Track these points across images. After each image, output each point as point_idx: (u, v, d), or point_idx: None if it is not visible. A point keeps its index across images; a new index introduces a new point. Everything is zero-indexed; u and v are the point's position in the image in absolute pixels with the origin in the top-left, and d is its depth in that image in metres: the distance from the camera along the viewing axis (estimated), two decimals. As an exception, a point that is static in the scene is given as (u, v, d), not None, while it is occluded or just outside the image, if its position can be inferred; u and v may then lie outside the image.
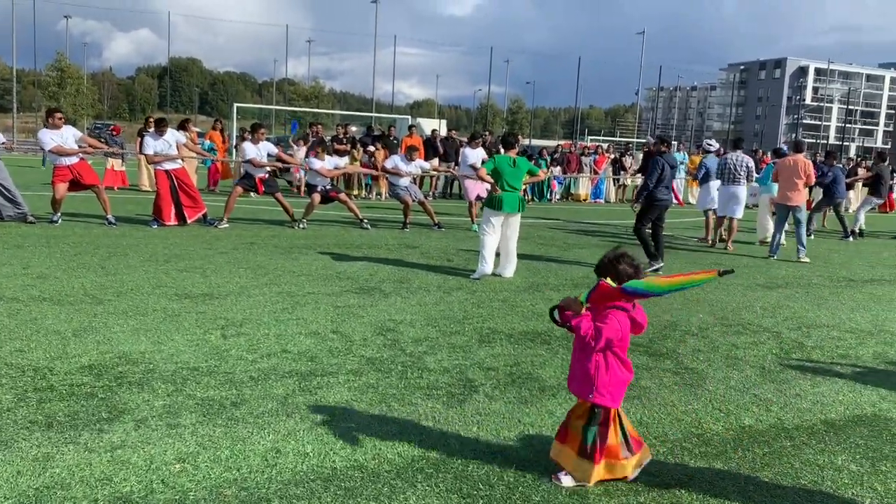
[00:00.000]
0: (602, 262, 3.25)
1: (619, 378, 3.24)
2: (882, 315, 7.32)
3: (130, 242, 9.45)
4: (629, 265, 3.18)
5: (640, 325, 3.26)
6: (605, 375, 3.20)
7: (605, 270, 3.20)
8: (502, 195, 8.10)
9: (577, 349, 3.29)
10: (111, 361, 4.66)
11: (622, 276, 3.15)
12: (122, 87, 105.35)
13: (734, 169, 11.95)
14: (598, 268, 3.26)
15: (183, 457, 3.37)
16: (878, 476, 3.56)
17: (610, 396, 3.21)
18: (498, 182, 8.14)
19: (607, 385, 3.20)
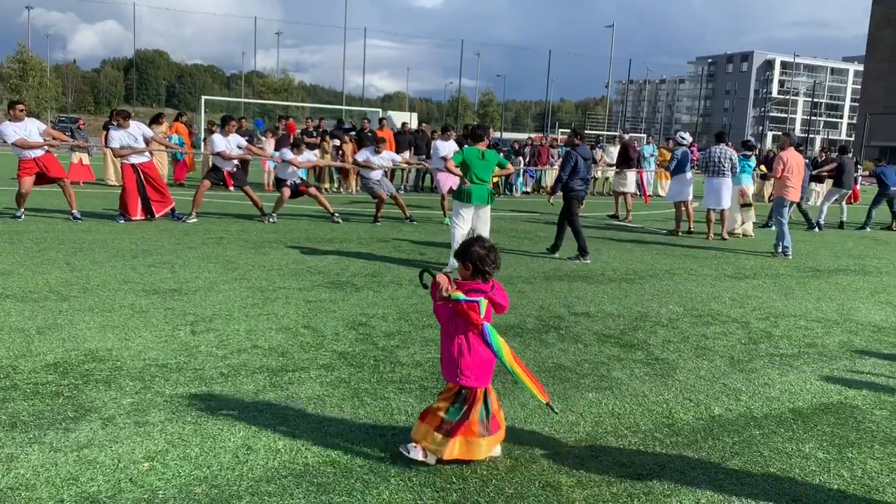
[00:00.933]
0: (459, 248, 3.36)
1: (483, 358, 3.28)
2: (847, 304, 7.45)
3: (96, 238, 9.28)
4: (481, 247, 3.27)
5: (500, 306, 3.28)
6: (468, 357, 3.25)
7: (462, 254, 3.31)
8: (471, 188, 8.11)
9: (443, 334, 3.36)
10: (77, 359, 4.57)
11: (474, 258, 3.25)
12: (86, 79, 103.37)
13: (718, 161, 12.14)
14: (456, 253, 3.39)
15: (152, 455, 3.31)
16: (845, 462, 3.62)
17: (475, 377, 3.26)
18: (467, 174, 8.14)
19: (471, 367, 3.25)
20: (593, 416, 4.08)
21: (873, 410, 4.39)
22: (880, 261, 10.78)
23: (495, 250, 3.31)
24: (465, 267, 3.30)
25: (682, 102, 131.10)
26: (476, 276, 3.28)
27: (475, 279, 3.28)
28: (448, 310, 3.25)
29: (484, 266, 3.26)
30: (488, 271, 3.27)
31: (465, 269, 3.30)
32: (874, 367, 5.29)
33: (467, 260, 3.28)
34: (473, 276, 3.28)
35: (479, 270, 3.26)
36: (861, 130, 59.94)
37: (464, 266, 3.31)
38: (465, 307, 3.20)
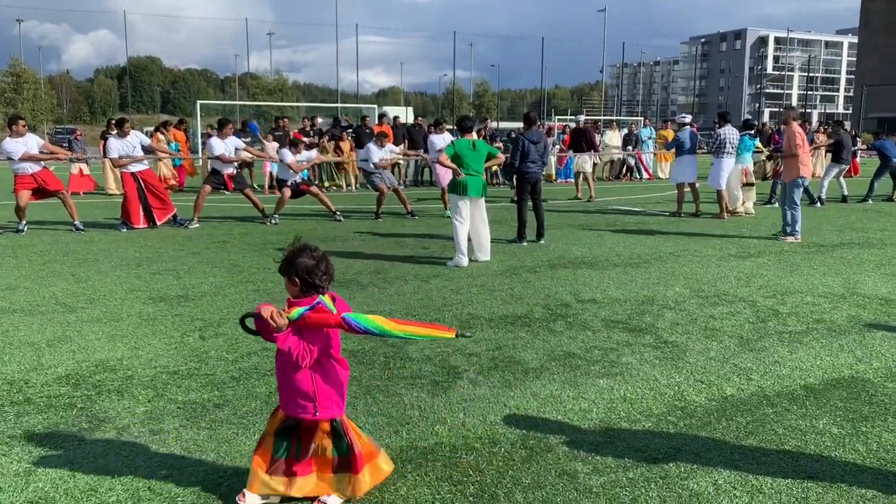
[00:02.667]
0: (282, 260, 2.89)
1: (339, 382, 2.95)
2: (853, 278, 7.44)
3: (100, 248, 9.29)
4: (309, 258, 2.83)
5: None
6: (325, 386, 2.88)
7: (286, 268, 2.85)
8: (466, 179, 8.15)
9: (285, 367, 2.89)
10: (88, 370, 4.58)
11: (300, 270, 2.80)
12: (80, 89, 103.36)
13: (728, 143, 12.24)
14: (280, 267, 2.89)
15: (168, 463, 3.32)
16: (860, 437, 3.62)
17: (335, 405, 2.93)
18: (460, 167, 8.17)
19: (328, 394, 2.89)
20: (606, 402, 4.08)
21: (885, 383, 4.39)
22: (884, 233, 10.76)
23: (325, 260, 2.88)
24: (291, 282, 2.84)
25: (678, 83, 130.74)
26: (308, 292, 2.82)
27: (307, 295, 2.82)
28: (296, 339, 2.76)
29: (314, 279, 2.81)
30: (320, 284, 2.82)
31: (293, 285, 2.83)
32: (883, 339, 5.29)
33: (293, 274, 2.81)
34: (305, 292, 2.82)
35: (310, 284, 2.81)
36: (858, 103, 59.74)
37: (290, 282, 2.84)
38: (313, 315, 2.75)
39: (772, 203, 14.51)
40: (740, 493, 3.05)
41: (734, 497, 3.02)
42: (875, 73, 68.09)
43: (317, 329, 2.80)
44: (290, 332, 2.76)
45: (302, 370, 2.83)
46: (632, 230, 11.09)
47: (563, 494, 3.04)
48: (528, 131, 9.76)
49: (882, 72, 67.19)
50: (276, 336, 2.74)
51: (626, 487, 3.10)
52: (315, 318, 2.76)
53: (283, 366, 2.89)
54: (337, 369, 2.95)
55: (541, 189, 9.89)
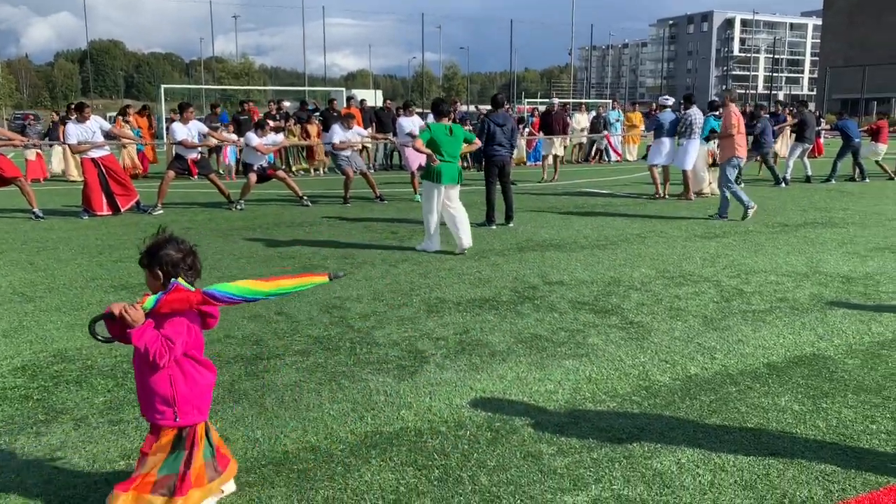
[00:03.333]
0: (144, 251, 2.69)
1: (202, 385, 2.71)
2: (816, 257, 7.55)
3: (60, 235, 9.09)
4: (175, 250, 2.64)
5: (214, 317, 2.76)
6: (185, 388, 2.64)
7: (147, 260, 2.66)
8: (441, 166, 7.77)
9: (140, 368, 2.66)
10: (46, 361, 4.48)
11: (164, 263, 2.61)
12: (41, 74, 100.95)
13: (692, 124, 12.29)
14: (141, 260, 2.69)
15: (127, 453, 3.26)
16: (820, 413, 3.67)
17: (197, 410, 2.68)
18: (436, 152, 7.81)
19: (189, 399, 2.65)
20: (571, 383, 4.09)
21: (845, 360, 4.45)
22: (846, 212, 10.94)
23: (193, 254, 2.69)
24: (153, 275, 2.64)
25: (646, 66, 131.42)
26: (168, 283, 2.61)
27: None
28: (153, 334, 2.52)
29: (178, 272, 2.62)
30: (184, 278, 2.63)
31: (155, 279, 2.64)
32: (844, 317, 5.37)
33: (156, 266, 2.62)
34: (166, 286, 2.60)
35: (172, 276, 2.62)
36: (822, 84, 60.59)
37: (152, 274, 2.65)
38: (170, 298, 2.53)
39: (739, 184, 14.65)
40: (703, 471, 3.08)
41: (697, 475, 3.04)
42: (839, 54, 69.06)
43: (178, 313, 2.58)
44: (146, 327, 2.52)
45: (160, 371, 2.59)
46: (599, 212, 11.13)
47: (528, 476, 3.04)
48: (493, 114, 9.71)
49: (846, 54, 68.16)
50: (131, 333, 2.50)
51: (590, 468, 3.11)
52: (172, 300, 2.54)
53: (140, 366, 2.64)
54: (200, 371, 2.71)
55: (509, 172, 9.87)
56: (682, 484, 2.98)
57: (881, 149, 16.39)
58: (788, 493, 2.90)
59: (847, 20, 70.83)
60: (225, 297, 2.60)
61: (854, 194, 13.39)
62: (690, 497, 2.88)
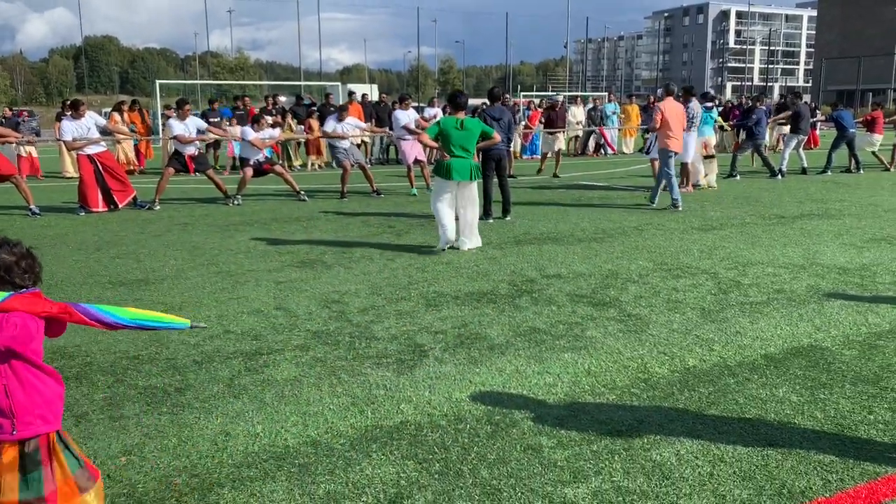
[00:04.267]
0: None
1: (47, 394, 2.42)
2: (813, 248, 7.56)
3: (57, 232, 9.08)
4: (7, 253, 2.40)
5: (62, 325, 2.52)
6: (25, 399, 2.34)
7: None
8: (451, 161, 7.41)
9: None
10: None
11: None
12: (35, 70, 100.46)
13: (693, 117, 12.32)
14: None
15: (128, 449, 3.27)
16: (818, 404, 3.69)
17: (41, 420, 2.38)
18: (446, 147, 7.50)
19: (30, 409, 2.35)
20: (570, 376, 4.10)
21: (842, 351, 4.47)
22: (842, 203, 10.96)
23: (30, 256, 2.46)
24: None
25: (642, 58, 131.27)
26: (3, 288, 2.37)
27: None
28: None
29: (13, 278, 2.38)
30: (21, 284, 2.39)
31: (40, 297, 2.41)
32: (841, 308, 5.39)
33: None
34: None
35: (7, 282, 2.38)
36: (818, 75, 60.63)
37: None
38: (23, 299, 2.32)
39: (733, 176, 14.68)
40: (702, 462, 3.09)
41: (696, 466, 3.06)
42: (834, 46, 69.05)
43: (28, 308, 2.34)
44: None
45: None
46: (596, 205, 11.14)
47: (528, 469, 3.06)
48: (490, 107, 9.70)
49: (841, 45, 68.14)
50: None
51: (589, 460, 3.12)
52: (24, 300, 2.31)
53: None
54: (43, 380, 2.43)
55: (506, 165, 9.86)
56: (681, 475, 2.99)
57: (877, 139, 16.41)
58: (787, 484, 2.92)
59: (842, 12, 70.79)
60: (99, 315, 2.51)
61: (850, 185, 13.41)
62: (690, 488, 2.90)
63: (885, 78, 57.75)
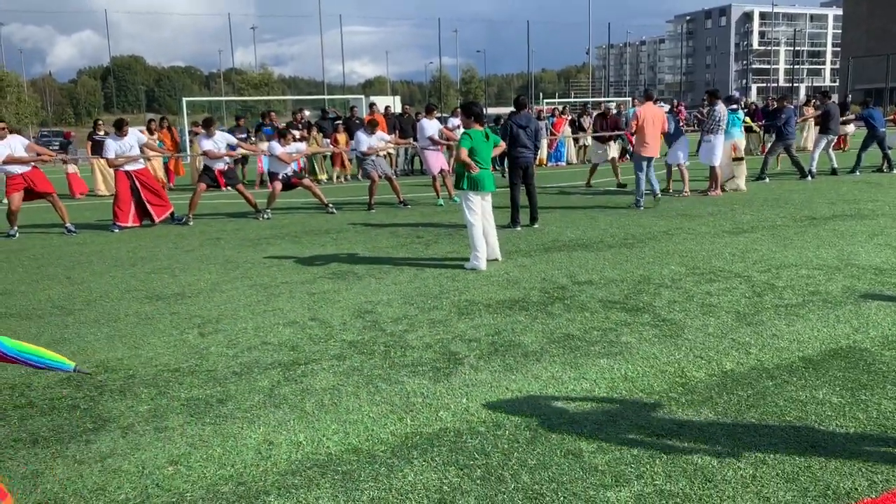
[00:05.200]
0: None
1: None
2: (847, 249, 7.48)
3: (93, 249, 9.26)
4: None
5: None
6: None
7: None
8: (481, 173, 7.31)
9: None
10: (89, 371, 4.58)
11: None
12: (64, 91, 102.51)
13: (720, 120, 12.33)
14: None
15: (175, 459, 3.34)
16: (859, 405, 3.66)
17: None
18: (474, 160, 7.35)
19: None
20: (607, 381, 4.11)
21: (882, 352, 4.43)
22: (875, 203, 10.81)
23: None
24: None
25: (664, 63, 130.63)
26: None
27: None
28: None
29: None
30: None
31: None
32: (879, 309, 5.33)
33: None
34: None
35: None
36: (845, 75, 59.83)
37: None
38: None
39: (763, 178, 14.55)
40: (744, 465, 3.09)
41: (738, 469, 3.05)
42: (860, 44, 68.14)
43: None
44: None
45: None
46: (624, 210, 11.11)
47: (569, 473, 3.07)
48: (516, 115, 9.73)
49: (868, 44, 67.23)
50: None
51: (630, 464, 3.13)
52: None
53: None
54: None
55: (533, 173, 9.88)
56: (723, 478, 2.99)
57: (908, 137, 16.18)
58: (832, 485, 2.90)
59: (867, 10, 69.88)
60: None
61: (882, 185, 13.23)
62: (733, 490, 2.89)
63: (914, 75, 56.82)
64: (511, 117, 9.78)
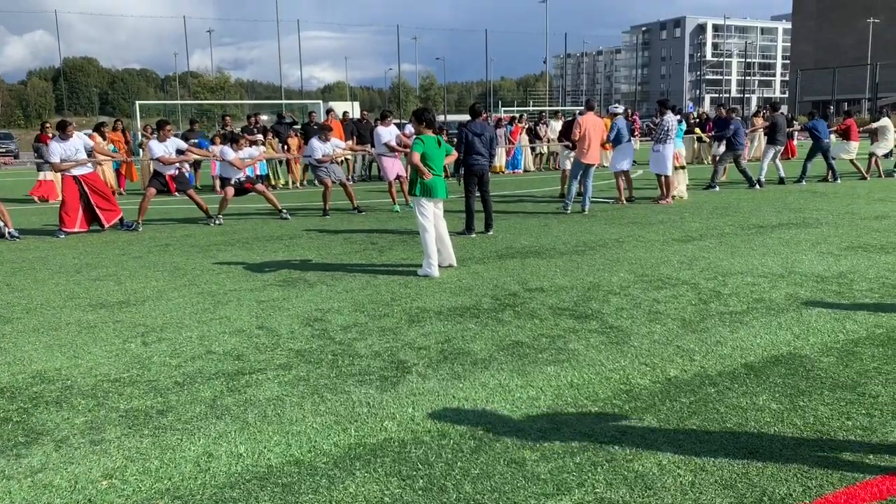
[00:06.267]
0: None
1: None
2: (791, 258, 7.66)
3: (37, 255, 9.00)
4: None
5: None
6: None
7: None
8: (434, 180, 7.28)
9: None
10: (24, 382, 4.44)
11: None
12: (14, 92, 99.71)
13: (670, 129, 12.56)
14: None
15: (110, 472, 3.24)
16: (797, 411, 3.73)
17: None
18: (427, 166, 7.32)
19: None
20: (553, 389, 4.12)
21: (821, 358, 4.53)
22: (819, 212, 11.10)
23: None
24: None
25: (620, 72, 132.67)
26: None
27: None
28: None
29: None
30: None
31: None
32: (819, 316, 5.45)
33: None
34: None
35: None
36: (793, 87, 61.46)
37: None
38: None
39: (713, 187, 14.84)
40: (684, 472, 3.12)
41: (678, 476, 3.08)
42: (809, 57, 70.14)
43: None
44: None
45: None
46: (577, 218, 11.21)
47: (512, 483, 3.06)
48: (472, 123, 9.75)
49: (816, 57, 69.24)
50: None
51: (573, 472, 3.14)
52: None
53: None
54: None
55: (488, 180, 9.91)
56: (663, 485, 3.01)
57: (853, 147, 16.66)
58: (767, 491, 2.95)
59: (816, 24, 72.00)
60: None
61: (827, 195, 13.60)
62: (672, 498, 2.91)
63: (859, 88, 58.65)
64: (467, 125, 9.80)
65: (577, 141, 11.79)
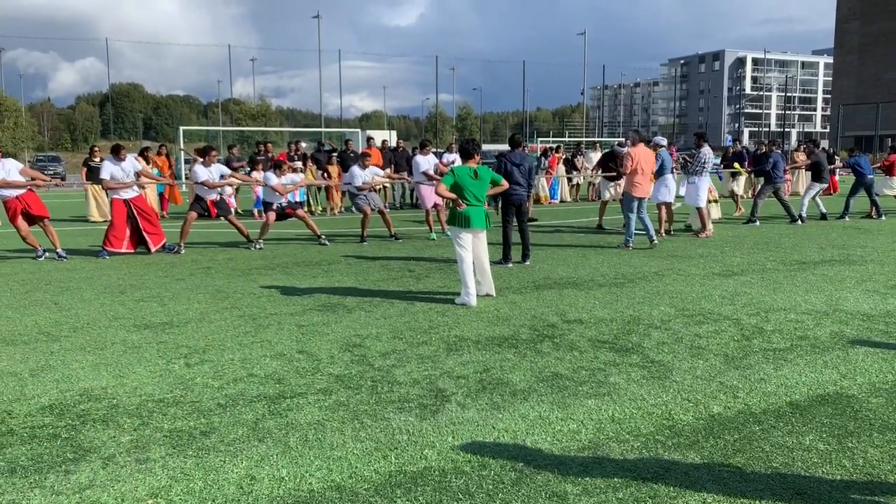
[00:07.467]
0: None
1: None
2: (835, 295, 7.52)
3: (83, 275, 9.22)
4: None
5: None
6: None
7: None
8: (468, 210, 7.31)
9: None
10: (72, 399, 4.53)
11: None
12: (62, 116, 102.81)
13: (705, 162, 12.53)
14: None
15: (155, 492, 3.29)
16: (846, 452, 3.65)
17: None
18: (461, 196, 7.36)
19: None
20: (594, 422, 4.09)
21: (869, 399, 4.43)
22: (864, 249, 10.90)
23: None
24: None
25: (658, 105, 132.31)
26: None
27: None
28: None
29: None
30: None
31: None
32: (866, 355, 5.34)
33: None
34: None
35: None
36: (835, 122, 60.68)
37: None
38: None
39: (753, 222, 14.66)
40: (729, 511, 3.06)
41: (723, 515, 3.03)
42: (850, 92, 69.29)
43: None
44: None
45: None
46: (615, 249, 11.15)
47: (554, 516, 3.04)
48: (511, 153, 9.81)
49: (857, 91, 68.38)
50: None
51: (616, 508, 3.10)
52: None
53: None
54: None
55: (526, 211, 9.93)
56: (708, 524, 2.96)
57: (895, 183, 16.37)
58: (817, 534, 2.88)
59: (859, 58, 71.20)
60: None
61: (871, 231, 13.35)
62: (718, 537, 2.86)
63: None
64: (506, 155, 9.86)
65: (627, 174, 11.43)
